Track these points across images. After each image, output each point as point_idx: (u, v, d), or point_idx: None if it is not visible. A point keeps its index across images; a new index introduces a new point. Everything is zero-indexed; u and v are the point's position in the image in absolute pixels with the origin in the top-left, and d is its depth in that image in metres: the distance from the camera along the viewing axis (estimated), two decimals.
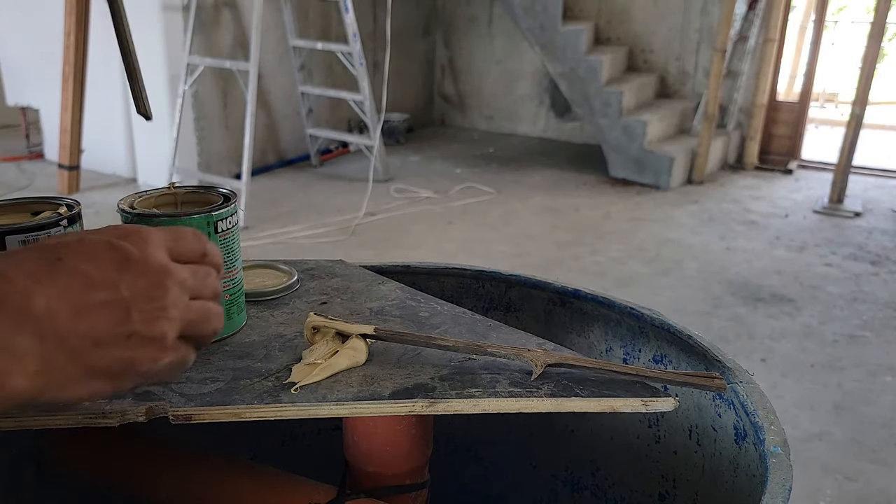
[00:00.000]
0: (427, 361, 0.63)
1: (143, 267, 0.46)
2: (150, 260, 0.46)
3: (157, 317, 0.45)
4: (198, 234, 0.52)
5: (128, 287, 0.44)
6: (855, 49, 6.64)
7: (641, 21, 5.26)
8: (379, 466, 0.65)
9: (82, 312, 0.43)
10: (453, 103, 6.27)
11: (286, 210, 4.08)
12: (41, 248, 0.45)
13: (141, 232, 0.47)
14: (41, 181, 4.38)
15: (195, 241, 0.51)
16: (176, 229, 0.51)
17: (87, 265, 0.44)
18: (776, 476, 0.56)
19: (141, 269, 0.45)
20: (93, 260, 0.44)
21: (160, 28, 4.09)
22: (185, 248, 0.50)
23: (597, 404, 0.57)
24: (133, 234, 0.47)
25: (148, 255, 0.46)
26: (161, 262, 0.47)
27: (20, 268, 0.42)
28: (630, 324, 0.84)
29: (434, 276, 0.94)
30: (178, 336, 0.47)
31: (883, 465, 2.09)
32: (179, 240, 0.50)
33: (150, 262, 0.46)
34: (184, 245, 0.50)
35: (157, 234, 0.48)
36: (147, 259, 0.46)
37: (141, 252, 0.46)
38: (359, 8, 4.83)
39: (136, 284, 0.45)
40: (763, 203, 4.42)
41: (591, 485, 0.91)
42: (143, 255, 0.46)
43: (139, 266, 0.45)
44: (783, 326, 2.88)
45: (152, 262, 0.46)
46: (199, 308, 0.49)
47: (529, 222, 4.01)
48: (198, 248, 0.51)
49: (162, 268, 0.46)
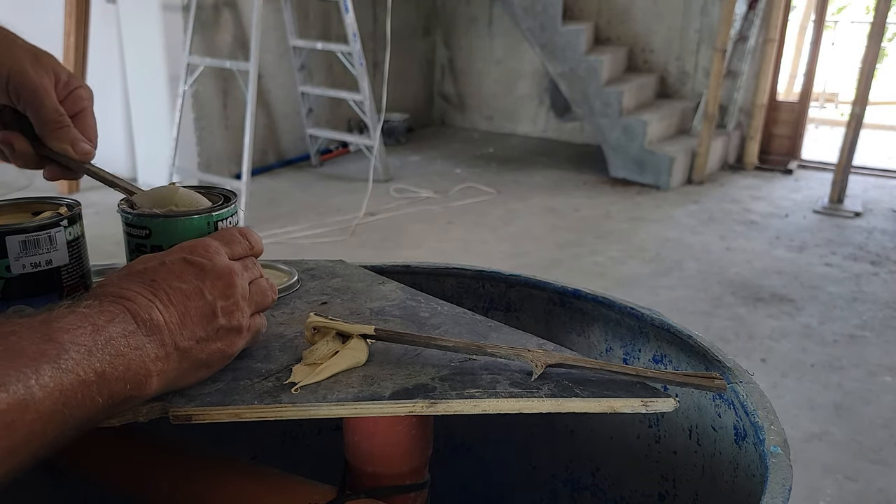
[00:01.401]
0: (427, 362, 0.63)
1: (216, 273, 0.55)
2: (219, 266, 0.56)
3: (233, 310, 0.56)
4: (242, 231, 0.61)
5: (209, 291, 0.54)
6: (855, 49, 6.64)
7: (641, 21, 5.25)
8: (379, 466, 0.65)
9: (185, 319, 0.52)
10: (453, 103, 6.27)
11: (286, 210, 4.08)
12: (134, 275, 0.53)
13: (205, 244, 0.57)
14: (41, 181, 4.35)
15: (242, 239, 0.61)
16: (225, 232, 0.61)
17: (177, 282, 0.53)
18: (776, 476, 0.56)
19: (214, 274, 0.55)
20: (179, 276, 0.53)
21: (160, 28, 4.09)
22: (237, 247, 0.60)
23: (597, 405, 0.57)
24: (199, 247, 0.56)
25: (216, 263, 0.56)
26: (227, 266, 0.56)
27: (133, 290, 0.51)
28: (630, 324, 0.84)
29: (434, 276, 0.94)
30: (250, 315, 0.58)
31: (883, 465, 2.09)
32: (231, 242, 0.60)
33: (219, 268, 0.56)
34: (235, 245, 0.60)
35: (216, 242, 0.58)
36: (216, 266, 0.55)
37: (211, 261, 0.55)
38: (359, 8, 4.82)
39: (214, 288, 0.54)
40: (763, 203, 4.42)
41: (591, 485, 0.91)
42: (213, 263, 0.55)
43: (212, 273, 0.55)
44: (783, 326, 2.88)
45: (220, 267, 0.56)
46: (257, 289, 0.59)
47: (529, 222, 4.01)
48: (245, 245, 0.61)
49: (228, 270, 0.56)
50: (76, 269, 0.62)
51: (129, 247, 0.64)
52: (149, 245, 0.62)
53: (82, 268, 0.63)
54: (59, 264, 0.60)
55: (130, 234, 0.63)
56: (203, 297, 0.53)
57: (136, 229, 0.62)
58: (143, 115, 4.36)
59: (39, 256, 0.59)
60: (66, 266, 0.61)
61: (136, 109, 4.37)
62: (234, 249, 0.59)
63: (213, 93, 4.42)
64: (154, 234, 0.62)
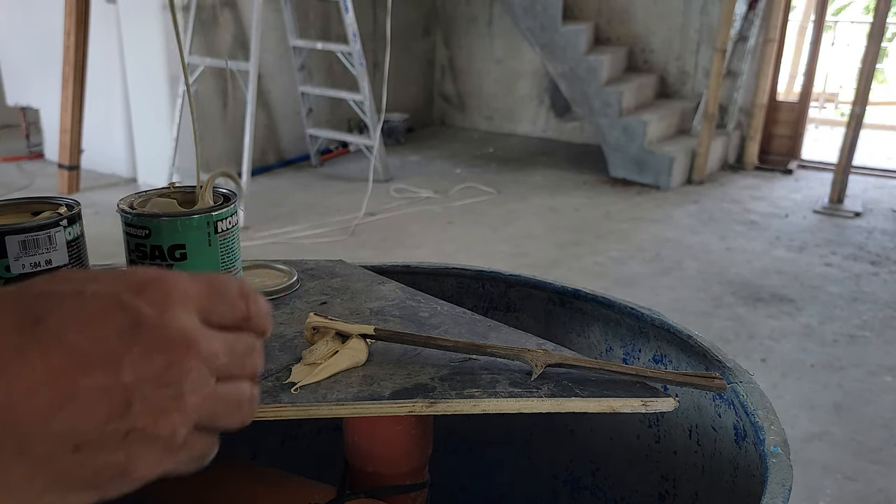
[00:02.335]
0: (427, 361, 0.63)
1: (159, 337, 0.33)
2: (171, 327, 0.33)
3: (167, 409, 0.32)
4: (244, 286, 0.38)
5: (133, 367, 0.32)
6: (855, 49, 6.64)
7: (641, 21, 5.25)
8: (379, 466, 0.65)
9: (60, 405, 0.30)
10: (453, 103, 6.27)
11: (286, 210, 4.08)
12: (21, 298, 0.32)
13: (163, 283, 0.34)
14: (41, 181, 4.38)
15: (238, 298, 0.37)
16: (214, 279, 0.37)
17: (77, 334, 0.31)
18: (776, 476, 0.56)
19: (156, 340, 0.32)
20: (88, 325, 0.31)
21: (160, 28, 4.09)
22: (224, 308, 0.37)
23: (597, 404, 0.57)
24: (152, 285, 0.34)
25: (168, 320, 0.33)
26: (185, 330, 0.34)
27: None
28: (630, 324, 0.84)
29: (434, 276, 0.94)
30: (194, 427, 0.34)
31: (883, 465, 2.09)
32: (217, 295, 0.36)
33: (170, 331, 0.33)
34: (223, 303, 0.37)
35: (187, 285, 0.35)
36: (166, 325, 0.33)
37: (159, 314, 0.33)
38: (359, 8, 4.82)
39: (144, 363, 0.32)
40: (763, 203, 4.42)
41: (591, 485, 0.91)
42: (162, 318, 0.33)
43: (153, 335, 0.32)
44: (783, 326, 2.88)
45: (173, 329, 0.33)
46: (228, 395, 0.36)
47: (529, 222, 4.01)
48: (241, 308, 0.37)
49: (184, 339, 0.33)
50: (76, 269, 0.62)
51: (128, 247, 0.64)
52: (148, 245, 0.62)
53: (82, 268, 0.63)
54: (59, 264, 0.60)
55: (130, 234, 0.63)
56: (114, 374, 0.31)
57: (136, 229, 0.63)
58: (143, 116, 4.36)
59: (39, 256, 0.59)
60: (66, 266, 0.61)
61: (136, 109, 4.37)
62: (217, 308, 0.36)
63: (213, 93, 4.42)
64: (154, 234, 0.62)
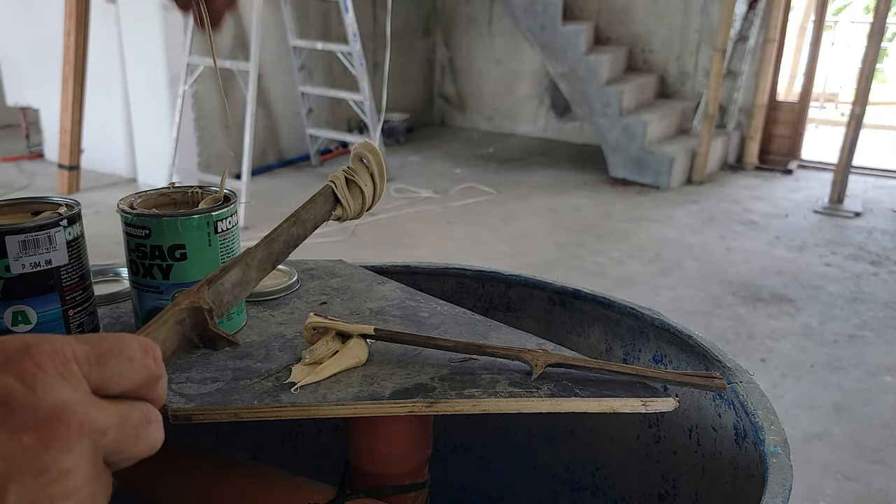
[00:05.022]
0: (427, 361, 0.63)
1: (31, 417, 0.27)
2: (44, 402, 0.28)
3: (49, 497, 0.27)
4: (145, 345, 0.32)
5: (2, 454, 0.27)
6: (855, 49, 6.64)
7: (641, 21, 5.25)
8: (379, 466, 0.65)
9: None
10: (453, 103, 6.27)
11: (286, 210, 4.04)
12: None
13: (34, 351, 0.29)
14: (41, 181, 4.38)
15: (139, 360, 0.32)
16: (106, 339, 0.31)
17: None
18: (776, 476, 0.56)
19: (26, 419, 0.27)
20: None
21: (160, 28, 4.09)
22: (117, 372, 0.31)
23: (597, 404, 0.57)
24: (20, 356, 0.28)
25: (41, 394, 0.28)
26: (62, 405, 0.28)
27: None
28: (630, 324, 0.84)
29: (434, 276, 0.94)
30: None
31: (883, 465, 2.09)
32: (110, 357, 0.31)
33: (42, 406, 0.28)
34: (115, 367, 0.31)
35: (70, 349, 0.29)
36: (38, 400, 0.28)
37: (29, 388, 0.28)
38: (359, 8, 4.82)
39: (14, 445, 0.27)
40: (763, 203, 4.42)
41: (591, 485, 0.91)
42: (33, 394, 0.28)
43: (24, 415, 0.27)
44: (783, 326, 2.88)
45: (46, 405, 0.28)
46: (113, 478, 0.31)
47: (529, 222, 4.01)
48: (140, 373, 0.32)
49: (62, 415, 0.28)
50: (76, 269, 0.62)
51: (128, 247, 0.64)
52: (148, 245, 0.62)
53: (82, 268, 0.63)
54: (59, 264, 0.60)
55: (130, 234, 0.63)
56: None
57: (136, 229, 0.63)
58: (143, 116, 4.36)
59: (39, 256, 0.59)
60: (66, 266, 0.61)
61: (136, 109, 4.37)
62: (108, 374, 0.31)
63: (213, 93, 4.42)
64: (154, 234, 0.62)
